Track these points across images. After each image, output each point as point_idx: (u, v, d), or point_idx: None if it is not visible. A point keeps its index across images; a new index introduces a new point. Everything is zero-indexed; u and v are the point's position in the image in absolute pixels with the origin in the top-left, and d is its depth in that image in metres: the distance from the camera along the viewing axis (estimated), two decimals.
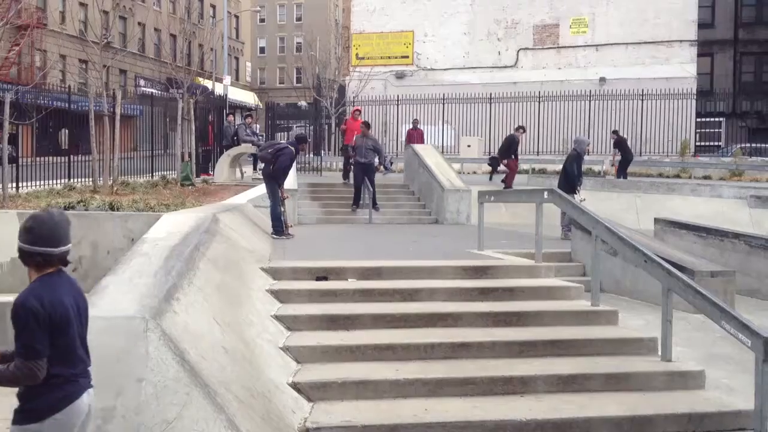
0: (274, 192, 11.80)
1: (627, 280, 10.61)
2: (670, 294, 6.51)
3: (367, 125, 17.04)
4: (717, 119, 37.29)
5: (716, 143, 37.48)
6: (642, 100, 30.00)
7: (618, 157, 23.83)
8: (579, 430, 5.41)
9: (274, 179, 11.85)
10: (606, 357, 6.53)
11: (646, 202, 19.02)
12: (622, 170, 23.60)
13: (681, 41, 31.92)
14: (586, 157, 15.42)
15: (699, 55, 32.89)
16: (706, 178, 24.22)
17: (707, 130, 35.73)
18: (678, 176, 24.95)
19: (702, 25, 33.73)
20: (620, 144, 23.82)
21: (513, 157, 19.65)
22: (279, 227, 11.61)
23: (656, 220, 13.80)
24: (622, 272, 10.67)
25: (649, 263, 6.88)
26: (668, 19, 31.79)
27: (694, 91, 31.25)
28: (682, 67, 31.35)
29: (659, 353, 6.60)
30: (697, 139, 32.92)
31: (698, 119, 32.48)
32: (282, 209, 11.91)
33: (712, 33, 40.61)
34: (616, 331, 7.21)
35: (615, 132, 24.77)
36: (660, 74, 30.97)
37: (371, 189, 15.91)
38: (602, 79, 31.88)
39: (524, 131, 20.75)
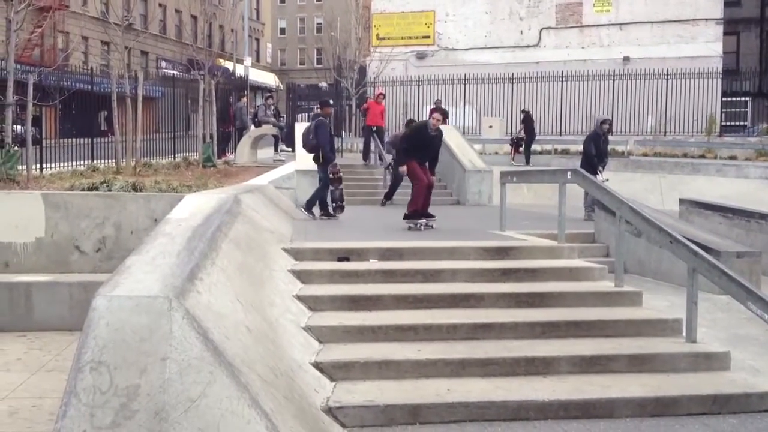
0: (323, 175, 11.87)
1: (651, 261, 10.52)
2: (695, 275, 6.45)
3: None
4: (743, 99, 36.75)
5: (742, 123, 36.96)
6: (667, 79, 29.62)
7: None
8: (602, 410, 5.38)
9: (326, 162, 11.92)
10: (630, 338, 6.48)
11: (671, 183, 18.85)
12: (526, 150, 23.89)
13: (707, 20, 31.43)
14: (610, 137, 15.27)
15: (725, 33, 32.37)
16: (731, 158, 23.91)
17: (733, 110, 35.22)
18: (703, 156, 24.65)
19: (728, 3, 33.16)
20: (527, 122, 24.19)
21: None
22: (319, 204, 11.95)
23: (681, 201, 13.67)
24: (647, 253, 10.58)
25: (674, 244, 6.80)
26: None
27: (720, 70, 30.80)
28: (708, 46, 30.89)
29: (684, 334, 6.54)
30: (723, 118, 32.47)
31: (724, 99, 32.03)
32: (338, 186, 12.05)
33: (738, 11, 39.92)
34: (640, 312, 7.15)
35: (524, 111, 25.25)
36: (685, 53, 30.54)
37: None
38: (626, 59, 31.50)
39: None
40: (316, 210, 12.00)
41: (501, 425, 5.16)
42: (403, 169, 10.55)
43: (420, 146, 10.38)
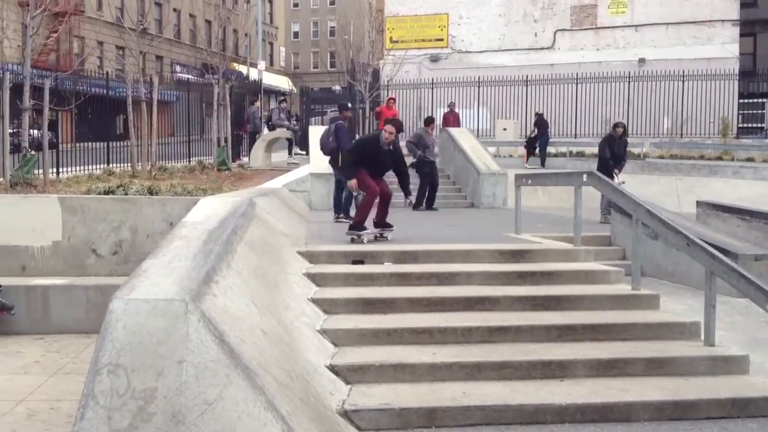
0: (343, 179, 11.88)
1: (668, 264, 10.45)
2: (713, 278, 6.39)
3: (429, 121, 16.29)
4: (760, 100, 36.43)
5: (759, 125, 36.66)
6: (683, 81, 29.43)
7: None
8: (620, 414, 5.34)
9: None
10: (647, 341, 6.43)
11: (688, 185, 18.74)
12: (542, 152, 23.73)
13: (723, 21, 31.20)
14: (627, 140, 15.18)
15: (741, 35, 32.12)
16: (748, 160, 23.74)
17: (750, 112, 34.90)
18: (720, 158, 24.48)
19: (744, 4, 32.89)
20: (540, 124, 24.10)
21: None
22: (339, 209, 12.15)
23: (698, 203, 13.57)
24: (664, 256, 10.51)
25: (691, 246, 6.75)
26: None
27: (737, 71, 30.55)
28: (724, 48, 30.66)
29: (702, 338, 6.48)
30: (740, 120, 32.20)
31: (741, 100, 31.76)
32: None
33: (755, 12, 39.60)
34: (658, 315, 7.10)
35: (537, 113, 25.10)
36: (701, 55, 30.33)
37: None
38: (642, 60, 31.32)
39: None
40: (352, 210, 12.03)
41: (517, 429, 5.14)
42: (352, 183, 9.49)
43: (367, 159, 9.27)
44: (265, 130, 23.07)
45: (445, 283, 7.45)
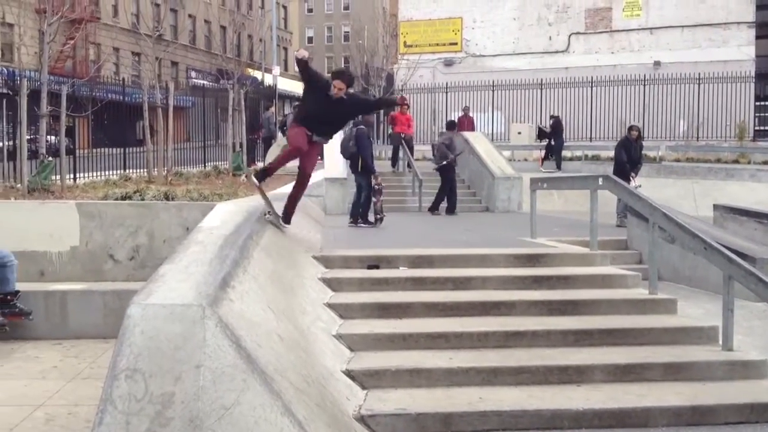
0: (368, 181, 11.94)
1: (686, 268, 10.39)
2: (731, 282, 6.35)
3: (451, 125, 16.33)
4: None
5: None
6: (698, 84, 29.28)
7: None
8: (638, 419, 5.31)
9: (366, 170, 12.03)
10: (665, 346, 6.39)
11: (704, 188, 18.63)
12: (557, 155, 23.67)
13: (738, 23, 31.04)
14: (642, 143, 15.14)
15: (757, 37, 31.90)
16: (765, 163, 23.54)
17: (767, 114, 34.69)
18: (736, 161, 24.30)
19: (760, 7, 32.66)
20: (556, 127, 23.96)
21: None
22: (358, 215, 12.04)
23: (715, 207, 13.50)
24: (681, 260, 10.45)
25: (709, 250, 6.71)
26: (725, 1, 30.92)
27: (753, 74, 30.36)
28: (740, 50, 30.49)
29: (720, 342, 6.44)
30: (757, 123, 31.99)
31: (757, 103, 31.56)
32: (379, 198, 12.09)
33: None
34: (675, 319, 7.06)
35: (554, 116, 24.91)
36: (717, 57, 30.17)
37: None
38: (657, 63, 31.20)
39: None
40: (371, 215, 12.07)
41: None
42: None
43: (313, 113, 7.66)
44: (280, 136, 23.13)
45: (461, 287, 7.43)
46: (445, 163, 14.72)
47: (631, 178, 13.38)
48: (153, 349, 3.94)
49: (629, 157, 13.89)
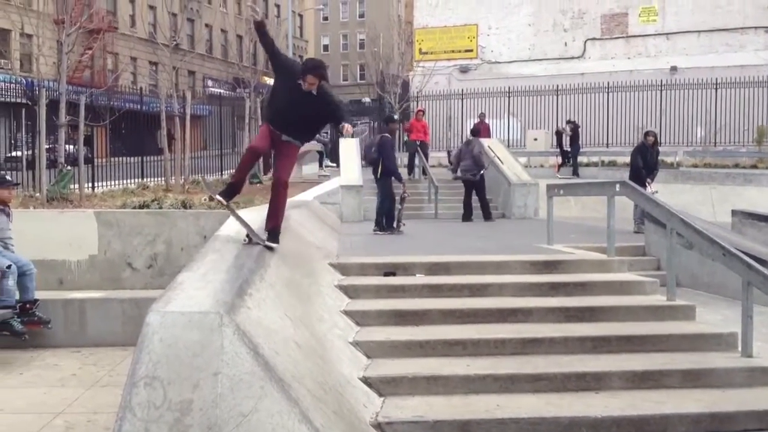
0: (385, 188, 11.98)
1: (704, 274, 10.32)
2: (750, 288, 6.30)
3: (475, 131, 16.23)
4: None
5: None
6: (715, 89, 29.09)
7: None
8: (656, 426, 5.28)
9: (386, 175, 12.07)
10: (683, 353, 6.35)
11: (722, 194, 18.49)
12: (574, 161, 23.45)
13: (756, 28, 30.81)
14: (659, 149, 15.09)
15: None
16: None
17: None
18: (755, 167, 24.09)
19: None
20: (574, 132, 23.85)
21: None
22: (389, 223, 12.01)
23: (733, 212, 13.40)
24: (699, 266, 10.38)
25: (727, 257, 6.66)
26: (741, 5, 30.73)
27: None
28: (757, 54, 30.25)
29: (739, 349, 6.39)
30: None
31: None
32: (403, 206, 12.13)
33: None
34: (694, 326, 7.01)
35: (571, 122, 24.64)
36: (734, 62, 29.96)
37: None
38: (673, 69, 31.03)
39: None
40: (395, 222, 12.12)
41: None
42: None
43: (280, 105, 6.48)
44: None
45: (477, 294, 7.42)
46: (483, 172, 14.80)
47: (647, 184, 13.32)
48: (171, 357, 3.96)
49: (645, 162, 13.84)
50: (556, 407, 5.40)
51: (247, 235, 6.38)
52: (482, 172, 14.80)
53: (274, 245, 6.29)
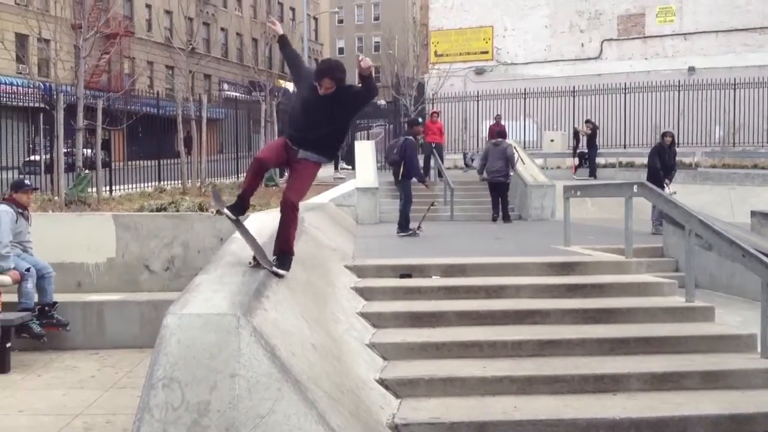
0: (407, 190, 12.05)
1: (723, 276, 10.24)
2: None
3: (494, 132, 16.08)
4: None
5: None
6: (734, 89, 28.86)
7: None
8: (675, 428, 5.24)
9: (407, 178, 12.12)
10: (702, 354, 6.30)
11: (741, 195, 18.33)
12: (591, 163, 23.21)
13: None
14: (677, 149, 15.00)
15: None
16: None
17: None
18: None
19: None
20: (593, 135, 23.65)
21: None
22: (406, 225, 12.00)
23: (753, 213, 13.29)
24: (718, 267, 10.30)
25: (747, 257, 6.61)
26: (760, 5, 30.48)
27: None
28: None
29: (758, 350, 6.33)
30: None
31: None
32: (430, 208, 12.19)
33: None
34: (713, 327, 6.95)
35: (589, 122, 24.37)
36: (753, 62, 29.69)
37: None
38: (691, 69, 30.81)
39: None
40: (412, 224, 12.14)
41: None
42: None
43: (300, 115, 5.77)
44: None
45: (494, 296, 7.40)
46: (513, 173, 14.88)
47: (665, 185, 13.25)
48: (189, 358, 3.98)
49: (663, 163, 13.77)
50: (574, 409, 5.37)
51: (252, 260, 5.67)
52: (511, 173, 14.87)
53: (282, 272, 5.54)
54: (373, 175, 15.89)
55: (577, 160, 24.90)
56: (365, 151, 17.88)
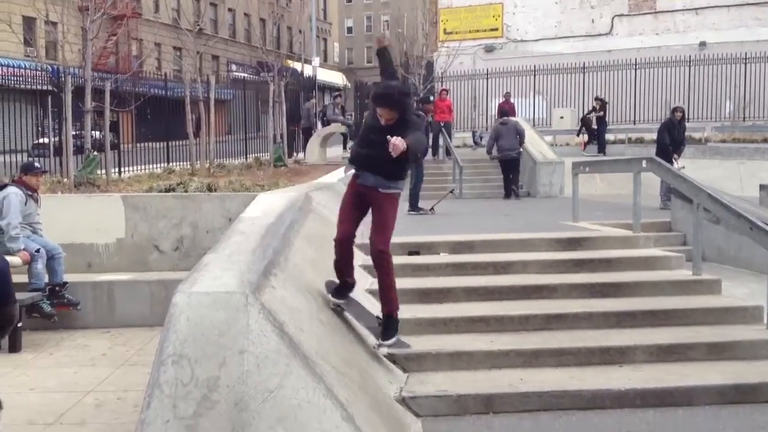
0: (418, 169, 12.09)
1: (730, 249, 10.25)
2: None
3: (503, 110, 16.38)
4: None
5: None
6: (745, 63, 28.61)
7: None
8: (680, 398, 5.28)
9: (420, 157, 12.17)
10: (708, 326, 6.34)
11: (750, 169, 18.25)
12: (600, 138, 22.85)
13: None
14: (687, 124, 14.94)
15: None
16: None
17: None
18: None
19: None
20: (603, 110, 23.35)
21: None
22: (415, 204, 12.09)
23: (762, 187, 13.26)
24: (725, 240, 10.30)
25: (755, 230, 6.62)
26: None
27: None
28: None
29: (765, 321, 6.37)
30: None
31: None
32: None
33: None
34: (719, 300, 6.98)
35: (599, 99, 23.99)
36: (764, 36, 29.40)
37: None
38: (702, 44, 30.55)
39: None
40: (423, 203, 12.19)
41: (576, 414, 5.12)
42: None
43: (364, 138, 5.45)
44: (320, 126, 23.26)
45: (502, 272, 7.44)
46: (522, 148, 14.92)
47: (674, 160, 13.21)
48: (198, 336, 4.03)
49: (672, 138, 13.74)
50: (580, 380, 5.42)
51: (339, 305, 5.28)
52: (521, 149, 14.93)
53: (388, 343, 5.01)
54: None
55: (586, 137, 24.79)
56: None
